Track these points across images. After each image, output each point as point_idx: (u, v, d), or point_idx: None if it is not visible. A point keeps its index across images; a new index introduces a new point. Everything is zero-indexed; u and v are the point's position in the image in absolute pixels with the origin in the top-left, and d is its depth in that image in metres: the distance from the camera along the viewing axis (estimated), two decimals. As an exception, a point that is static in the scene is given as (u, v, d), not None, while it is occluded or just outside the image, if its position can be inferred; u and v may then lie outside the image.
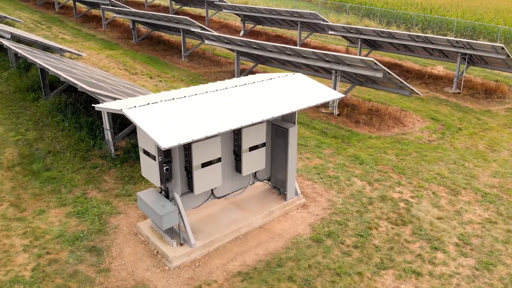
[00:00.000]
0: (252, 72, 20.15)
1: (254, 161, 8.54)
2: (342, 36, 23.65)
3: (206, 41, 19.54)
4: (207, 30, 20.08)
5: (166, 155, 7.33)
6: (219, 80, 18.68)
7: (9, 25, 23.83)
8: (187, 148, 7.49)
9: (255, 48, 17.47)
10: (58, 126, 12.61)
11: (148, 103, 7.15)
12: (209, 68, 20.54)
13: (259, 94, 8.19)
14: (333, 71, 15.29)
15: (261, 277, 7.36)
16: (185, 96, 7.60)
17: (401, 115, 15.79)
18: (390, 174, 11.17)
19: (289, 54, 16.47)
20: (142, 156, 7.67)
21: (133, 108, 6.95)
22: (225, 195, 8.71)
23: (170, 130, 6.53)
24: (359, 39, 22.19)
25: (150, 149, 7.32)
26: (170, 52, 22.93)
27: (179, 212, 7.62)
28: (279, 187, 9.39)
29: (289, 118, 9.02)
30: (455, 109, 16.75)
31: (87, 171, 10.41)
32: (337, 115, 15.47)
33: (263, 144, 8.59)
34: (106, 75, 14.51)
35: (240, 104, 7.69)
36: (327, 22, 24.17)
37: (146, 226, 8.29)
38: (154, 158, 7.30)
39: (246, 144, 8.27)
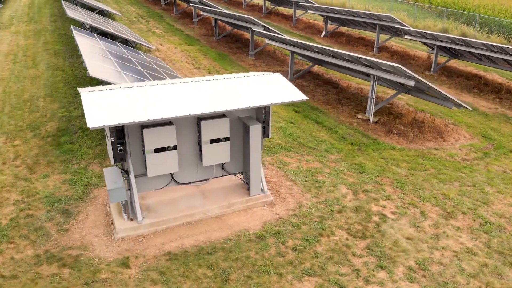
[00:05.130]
0: (308, 72, 20.18)
1: (216, 154, 8.96)
2: (420, 41, 22.25)
3: (267, 41, 20.07)
4: (269, 31, 20.61)
5: (118, 137, 8.17)
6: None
7: (110, 18, 27.17)
8: (142, 133, 8.25)
9: (304, 49, 17.54)
10: (101, 107, 14.37)
11: (107, 89, 8.06)
12: (270, 66, 21.06)
13: (222, 89, 8.58)
14: (371, 76, 14.76)
15: (185, 260, 7.82)
16: (145, 85, 8.36)
17: (447, 129, 14.59)
18: (385, 187, 10.60)
19: (333, 56, 16.23)
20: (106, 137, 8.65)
21: (90, 92, 7.93)
22: (189, 183, 9.29)
23: (107, 113, 7.35)
24: (435, 46, 20.70)
25: (107, 130, 8.23)
26: (243, 50, 23.93)
27: (128, 190, 8.42)
28: (248, 182, 9.65)
29: (259, 116, 9.24)
30: (521, 129, 14.88)
31: (100, 148, 11.82)
32: (374, 122, 14.88)
33: (227, 138, 8.96)
34: (156, 66, 15.98)
35: (194, 96, 8.20)
36: (406, 26, 22.94)
37: (114, 199, 9.28)
38: (108, 138, 8.22)
39: (206, 136, 8.74)
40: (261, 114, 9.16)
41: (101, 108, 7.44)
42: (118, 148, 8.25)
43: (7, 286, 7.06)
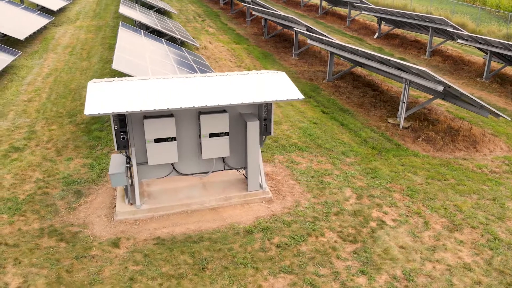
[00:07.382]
0: (350, 73, 19.84)
1: (215, 148, 9.24)
2: (474, 46, 21.01)
3: (308, 41, 20.02)
4: (311, 31, 20.53)
5: (121, 125, 8.71)
6: (306, 79, 19.07)
7: (167, 16, 28.42)
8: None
9: (340, 49, 17.30)
10: (136, 99, 15.23)
11: (113, 81, 8.64)
12: (310, 67, 20.99)
13: (221, 86, 8.84)
14: (403, 79, 14.28)
15: (171, 246, 8.18)
16: (148, 79, 8.84)
17: (483, 139, 13.77)
18: (394, 194, 10.29)
19: (366, 58, 15.88)
20: (113, 124, 9.25)
21: (97, 82, 8.54)
22: (191, 174, 9.66)
23: (104, 102, 7.89)
24: (488, 51, 19.49)
25: (111, 119, 8.82)
26: (288, 49, 24.02)
27: (128, 176, 8.95)
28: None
29: (261, 113, 9.39)
30: None
31: (125, 137, 12.57)
32: (405, 127, 14.39)
33: (226, 133, 9.21)
34: (193, 63, 16.60)
35: (193, 91, 8.54)
36: (460, 30, 21.77)
37: (121, 184, 9.88)
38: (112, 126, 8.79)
39: (205, 130, 9.06)
40: (261, 111, 9.30)
41: (101, 98, 8.00)
42: (121, 136, 8.81)
43: (7, 253, 7.85)
